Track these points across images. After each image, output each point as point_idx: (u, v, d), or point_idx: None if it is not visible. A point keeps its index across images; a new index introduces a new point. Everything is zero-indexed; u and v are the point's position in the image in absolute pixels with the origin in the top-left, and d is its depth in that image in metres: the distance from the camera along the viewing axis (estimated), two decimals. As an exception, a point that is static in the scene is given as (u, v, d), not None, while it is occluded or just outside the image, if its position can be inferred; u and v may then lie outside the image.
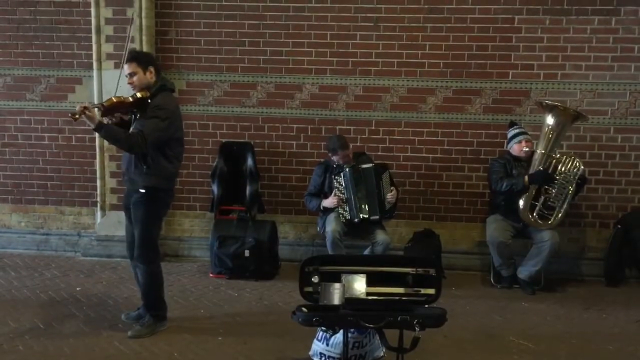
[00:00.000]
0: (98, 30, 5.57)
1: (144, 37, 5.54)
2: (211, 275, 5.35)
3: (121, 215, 5.62)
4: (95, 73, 5.63)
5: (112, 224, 5.77)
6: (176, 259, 5.79)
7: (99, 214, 5.86)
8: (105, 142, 5.67)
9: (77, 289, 4.97)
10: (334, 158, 5.12)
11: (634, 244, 5.25)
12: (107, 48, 5.58)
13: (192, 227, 5.92)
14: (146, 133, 3.87)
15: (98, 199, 5.82)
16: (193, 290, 5.01)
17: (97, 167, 5.76)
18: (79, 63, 5.78)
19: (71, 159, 5.91)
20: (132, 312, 4.31)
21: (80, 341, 3.98)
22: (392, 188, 5.08)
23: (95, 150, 5.75)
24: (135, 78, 3.98)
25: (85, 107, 3.74)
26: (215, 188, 5.58)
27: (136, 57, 4.05)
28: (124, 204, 4.22)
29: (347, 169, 5.03)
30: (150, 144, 3.90)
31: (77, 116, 3.73)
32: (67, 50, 5.77)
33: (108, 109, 3.94)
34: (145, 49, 5.53)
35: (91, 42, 5.60)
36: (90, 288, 4.98)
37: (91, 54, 5.63)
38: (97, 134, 4.37)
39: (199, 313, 4.53)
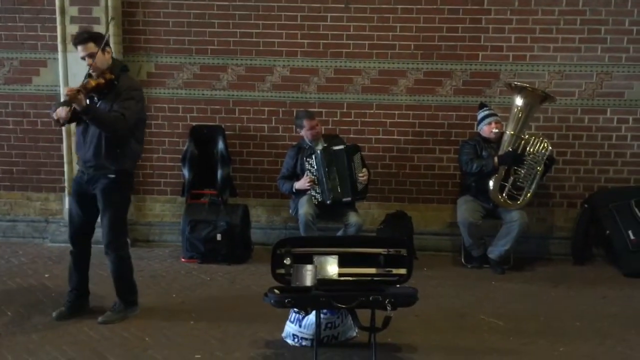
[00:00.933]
0: (62, 11, 5.43)
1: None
2: (183, 260, 5.31)
3: (90, 200, 5.64)
4: (60, 55, 5.49)
5: (81, 210, 5.67)
6: (147, 244, 5.73)
7: (66, 199, 5.72)
8: (72, 126, 5.55)
9: (46, 275, 4.88)
10: (303, 132, 5.10)
11: (600, 223, 5.37)
12: (72, 29, 5.41)
13: (163, 212, 5.86)
14: (127, 115, 3.83)
15: (66, 184, 5.69)
16: (164, 275, 4.97)
17: (64, 152, 5.64)
18: (43, 45, 5.64)
19: (37, 143, 5.79)
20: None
21: (49, 327, 3.92)
22: (363, 169, 5.09)
23: (62, 134, 5.63)
24: (95, 60, 3.85)
25: (79, 90, 3.69)
26: (186, 172, 5.52)
27: (93, 38, 3.89)
28: (77, 191, 4.05)
29: (318, 151, 5.02)
30: (129, 126, 3.88)
31: (75, 99, 3.65)
32: (31, 32, 5.63)
33: (88, 91, 3.83)
34: (111, 31, 5.41)
35: (55, 23, 5.46)
36: (59, 274, 4.88)
37: (55, 36, 5.49)
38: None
39: (170, 298, 4.50)
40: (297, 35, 5.53)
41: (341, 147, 5.07)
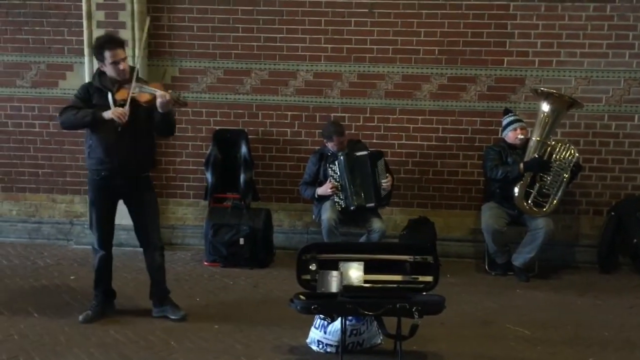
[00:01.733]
0: (89, 16, 5.48)
1: (135, 23, 5.47)
2: (205, 263, 5.33)
3: (114, 202, 5.68)
4: (86, 59, 5.54)
5: (105, 212, 5.72)
6: (169, 247, 5.72)
7: (91, 202, 5.79)
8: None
9: (71, 277, 4.93)
10: (329, 144, 5.10)
11: (627, 231, 5.29)
12: (99, 34, 5.38)
13: (186, 215, 5.88)
14: None
15: (90, 187, 5.75)
16: (187, 279, 4.98)
17: (89, 155, 5.69)
18: (70, 49, 5.70)
19: (62, 146, 5.85)
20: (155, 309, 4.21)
21: (76, 329, 3.95)
22: (387, 175, 5.06)
23: (87, 137, 5.68)
24: (126, 63, 3.94)
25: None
26: (209, 176, 5.54)
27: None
28: (105, 196, 4.05)
29: (341, 157, 5.01)
30: None
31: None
32: (58, 36, 5.69)
33: None
34: (137, 35, 5.48)
35: (82, 27, 5.52)
36: (85, 276, 4.92)
37: (82, 40, 5.55)
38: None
39: (194, 301, 4.51)
40: (320, 39, 5.54)
41: (365, 153, 5.05)
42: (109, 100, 3.88)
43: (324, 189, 5.05)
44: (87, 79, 5.53)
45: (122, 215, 5.63)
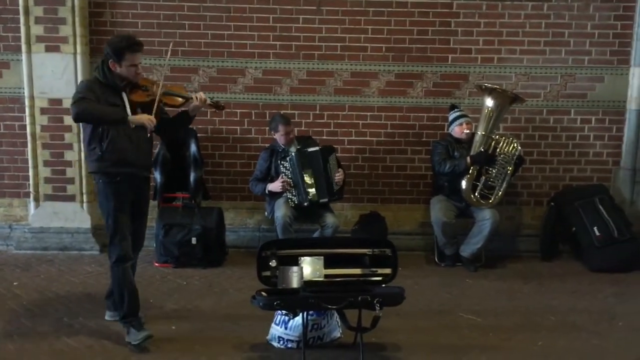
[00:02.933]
0: (27, 11, 5.25)
1: (76, 19, 5.29)
2: (156, 264, 5.22)
3: (57, 206, 5.51)
4: (24, 57, 5.32)
5: (47, 215, 5.52)
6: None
7: (32, 205, 5.57)
8: (38, 129, 5.42)
9: (14, 283, 4.72)
10: (277, 136, 5.10)
11: (566, 220, 5.54)
12: (37, 30, 5.28)
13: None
14: None
15: (31, 189, 5.53)
16: (139, 281, 4.69)
17: (29, 156, 5.46)
18: (6, 46, 5.45)
19: (0, 147, 5.59)
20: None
21: (25, 338, 3.79)
22: (339, 170, 5.11)
23: (26, 138, 5.45)
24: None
25: None
26: (158, 175, 5.40)
27: None
28: (127, 200, 3.76)
29: (293, 153, 5.01)
30: None
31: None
32: (-7, 33, 5.44)
33: None
34: (78, 32, 5.32)
35: (19, 23, 5.29)
36: (28, 283, 4.74)
37: (19, 37, 5.31)
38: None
39: (147, 303, 4.39)
40: (269, 37, 5.52)
41: (316, 148, 5.08)
42: (124, 100, 3.70)
43: (275, 186, 5.04)
44: (25, 77, 5.35)
45: (66, 217, 5.52)
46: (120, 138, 3.69)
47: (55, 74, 5.33)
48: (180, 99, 3.88)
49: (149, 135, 3.75)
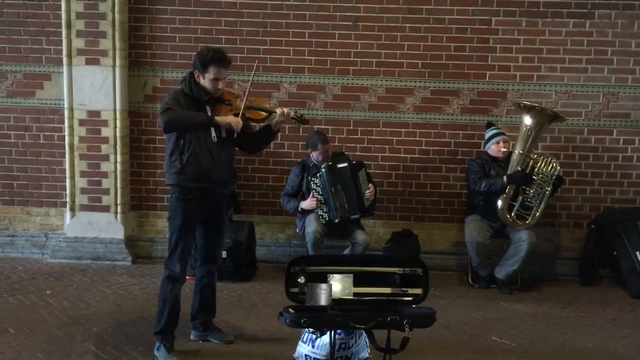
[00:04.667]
0: (68, 25, 5.39)
1: (116, 33, 5.39)
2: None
3: (92, 216, 5.58)
4: (65, 69, 5.45)
5: (82, 226, 5.59)
6: (149, 261, 5.64)
7: (67, 214, 5.65)
8: (76, 140, 5.51)
9: (47, 292, 4.77)
10: (314, 154, 5.07)
11: (607, 243, 5.34)
12: (78, 43, 5.41)
13: (165, 228, 5.60)
14: None
15: (67, 199, 5.62)
16: (169, 293, 4.86)
17: (67, 167, 5.57)
18: (48, 58, 5.59)
19: (39, 157, 5.71)
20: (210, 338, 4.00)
21: (55, 346, 3.81)
22: (369, 185, 5.04)
23: (64, 148, 5.56)
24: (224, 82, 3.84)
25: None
26: (190, 188, 5.43)
27: None
28: (195, 219, 3.72)
29: (323, 170, 4.96)
30: None
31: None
32: (36, 45, 5.57)
33: None
34: (117, 45, 5.41)
35: (61, 37, 5.42)
36: (61, 291, 4.80)
37: (61, 49, 5.45)
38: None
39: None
40: (304, 52, 5.52)
41: (345, 164, 5.02)
42: (207, 114, 3.71)
43: (308, 204, 5.00)
44: (65, 89, 5.46)
45: (100, 227, 5.59)
46: (202, 152, 3.65)
47: (94, 87, 5.43)
48: (263, 113, 3.84)
49: (235, 136, 3.71)
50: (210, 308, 4.03)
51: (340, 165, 5.01)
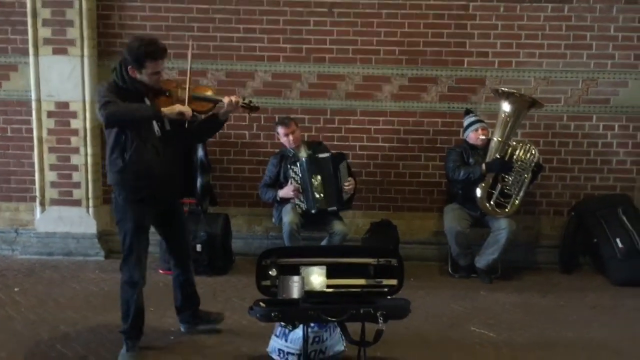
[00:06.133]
0: (34, 14, 5.21)
1: (84, 21, 5.23)
2: (161, 271, 5.10)
3: (62, 210, 5.43)
4: (31, 59, 5.27)
5: (53, 220, 5.44)
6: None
7: (38, 209, 5.50)
8: (44, 133, 5.36)
9: (15, 289, 4.63)
10: (284, 140, 4.96)
11: (587, 231, 5.29)
12: (44, 32, 5.23)
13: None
14: None
15: (37, 193, 5.46)
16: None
17: (36, 160, 5.40)
18: (14, 49, 5.41)
19: (7, 151, 5.54)
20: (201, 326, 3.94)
21: (19, 345, 3.68)
22: (349, 178, 4.94)
23: (32, 141, 5.39)
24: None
25: None
26: (164, 180, 5.30)
27: None
28: (148, 220, 3.56)
29: (303, 159, 4.86)
30: None
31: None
32: (1, 35, 5.39)
33: None
34: (86, 34, 5.25)
35: (27, 26, 5.24)
36: (30, 289, 4.66)
37: (27, 39, 5.27)
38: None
39: (147, 311, 4.25)
40: (279, 39, 5.39)
41: (327, 155, 4.92)
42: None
43: (285, 192, 4.90)
44: (32, 80, 5.29)
45: (72, 222, 5.45)
46: (146, 149, 3.39)
47: (62, 77, 5.27)
48: (209, 104, 3.57)
49: (186, 125, 3.44)
50: (194, 299, 3.95)
51: (321, 156, 4.90)
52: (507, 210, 4.97)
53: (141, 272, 3.56)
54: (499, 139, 4.96)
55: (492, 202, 4.97)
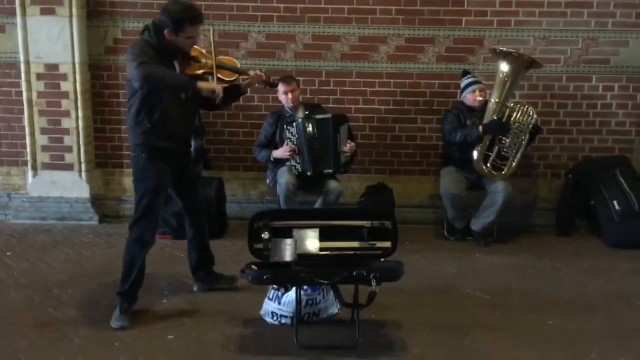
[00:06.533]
0: (21, -27, 5.07)
1: (71, -19, 5.07)
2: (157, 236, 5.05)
3: (55, 175, 5.37)
4: (19, 20, 5.12)
5: (45, 185, 5.38)
6: (117, 220, 5.45)
7: (29, 173, 5.43)
8: (34, 95, 5.26)
9: (7, 253, 4.60)
10: (282, 98, 4.86)
11: (584, 193, 5.25)
12: (32, -8, 5.10)
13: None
14: None
15: (28, 157, 5.38)
16: (135, 252, 4.71)
17: (26, 124, 5.30)
18: (1, 9, 5.26)
19: (-4, 114, 5.46)
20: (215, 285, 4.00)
21: (10, 310, 3.66)
22: (349, 141, 4.85)
23: (22, 104, 5.29)
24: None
25: None
26: (156, 144, 5.23)
27: None
28: (167, 179, 3.59)
29: (299, 119, 4.76)
30: None
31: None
32: (-13, -5, 5.25)
33: None
34: (73, -6, 5.09)
35: (13, -15, 5.11)
36: (21, 252, 4.63)
37: (14, -1, 5.14)
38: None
39: (141, 275, 4.26)
40: (272, -1, 5.26)
41: (327, 116, 4.80)
42: (176, 70, 3.53)
43: (281, 152, 4.80)
44: (20, 41, 5.16)
45: (65, 186, 5.39)
46: (173, 110, 3.49)
47: (50, 38, 5.14)
48: (235, 74, 3.73)
49: (217, 102, 3.57)
50: (209, 258, 4.00)
51: (320, 116, 4.79)
52: (503, 172, 4.91)
53: (153, 232, 3.60)
54: (497, 100, 4.87)
55: (488, 165, 4.90)
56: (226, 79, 3.70)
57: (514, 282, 4.27)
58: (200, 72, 3.62)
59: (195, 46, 3.68)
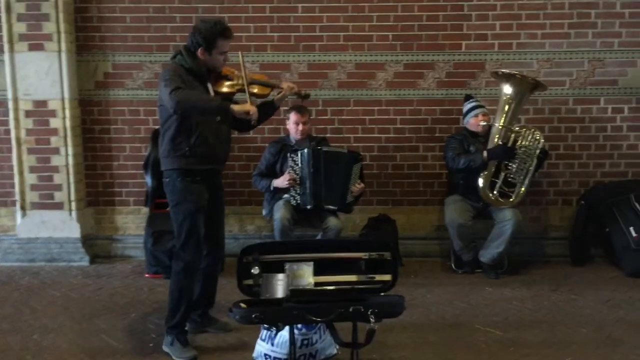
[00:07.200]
0: (8, 9, 4.97)
1: (61, 15, 4.98)
2: (147, 275, 4.84)
3: (44, 214, 5.17)
4: (7, 56, 5.03)
5: (35, 225, 5.19)
6: (108, 260, 5.25)
7: (19, 214, 5.24)
8: (23, 133, 5.11)
9: (-8, 298, 4.38)
10: (288, 126, 4.67)
11: (599, 220, 4.99)
12: (19, 28, 5.00)
13: (126, 224, 5.38)
14: None
15: (17, 197, 5.20)
16: (124, 293, 4.47)
17: (15, 162, 5.15)
18: (-12, 46, 5.18)
19: (-16, 153, 5.31)
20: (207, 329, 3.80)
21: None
22: (359, 182, 4.60)
23: (10, 143, 5.14)
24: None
25: None
26: (149, 180, 5.04)
27: None
28: (205, 200, 3.51)
29: (306, 149, 4.50)
30: None
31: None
32: (-26, 32, 5.16)
33: None
34: (63, 29, 5.01)
35: (0, 22, 5.00)
36: (7, 297, 4.39)
37: (1, 35, 5.03)
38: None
39: (127, 319, 4.00)
40: (266, 28, 5.14)
41: (344, 150, 4.62)
42: (209, 91, 3.49)
43: (281, 181, 4.55)
44: (8, 78, 5.05)
45: (55, 226, 5.20)
46: (209, 132, 3.45)
47: (39, 74, 5.03)
48: (268, 89, 3.65)
49: (252, 123, 3.57)
50: (211, 298, 3.83)
51: (335, 149, 4.59)
52: (511, 200, 4.67)
53: (199, 256, 3.52)
54: (501, 125, 4.67)
55: (495, 192, 4.67)
56: (260, 93, 3.64)
57: (528, 316, 3.99)
58: (233, 90, 3.57)
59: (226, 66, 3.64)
